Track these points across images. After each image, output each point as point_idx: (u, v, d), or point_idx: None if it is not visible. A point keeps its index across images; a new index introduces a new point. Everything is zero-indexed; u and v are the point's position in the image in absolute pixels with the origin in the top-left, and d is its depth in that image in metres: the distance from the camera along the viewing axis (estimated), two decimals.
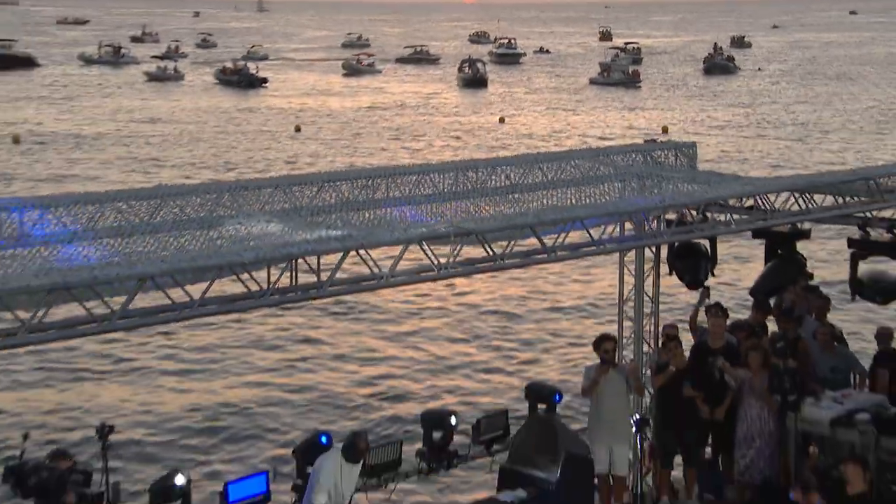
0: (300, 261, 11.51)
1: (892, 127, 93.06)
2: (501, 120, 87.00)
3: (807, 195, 15.54)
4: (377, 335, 41.98)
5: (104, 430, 13.71)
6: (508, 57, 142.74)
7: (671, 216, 15.98)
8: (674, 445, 17.24)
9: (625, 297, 18.06)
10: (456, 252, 12.54)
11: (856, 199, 15.04)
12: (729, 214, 15.98)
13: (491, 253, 13.10)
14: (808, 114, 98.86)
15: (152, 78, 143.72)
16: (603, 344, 16.72)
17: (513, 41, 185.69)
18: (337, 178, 14.73)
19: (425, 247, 12.20)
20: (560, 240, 13.69)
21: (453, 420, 16.09)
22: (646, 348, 17.84)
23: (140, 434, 27.54)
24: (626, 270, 18.04)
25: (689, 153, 17.63)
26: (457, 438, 16.01)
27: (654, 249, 17.51)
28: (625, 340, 17.78)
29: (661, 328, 17.62)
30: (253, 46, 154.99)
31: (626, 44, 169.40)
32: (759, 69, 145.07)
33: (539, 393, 16.66)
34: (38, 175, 66.95)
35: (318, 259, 11.43)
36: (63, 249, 11.40)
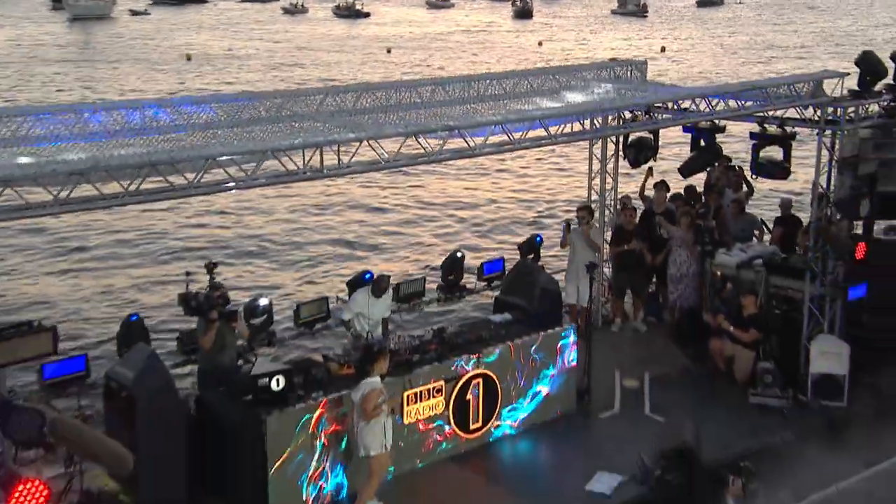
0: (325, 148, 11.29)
1: (825, 48, 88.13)
2: (540, 43, 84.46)
3: (723, 100, 15.38)
4: (404, 204, 39.84)
5: (211, 266, 13.73)
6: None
7: (627, 115, 15.92)
8: (625, 283, 18.04)
9: (593, 176, 18.09)
10: (443, 143, 12.38)
11: (757, 102, 15.06)
12: (666, 114, 15.75)
13: (471, 144, 12.67)
14: (771, 36, 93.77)
15: (287, 12, 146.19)
16: (579, 211, 17.45)
17: None
18: (372, 89, 14.44)
19: (420, 139, 12.11)
20: (526, 135, 13.25)
21: (464, 265, 16.73)
22: (608, 214, 18.20)
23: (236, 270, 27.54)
24: (594, 158, 17.98)
25: (641, 69, 17.49)
26: (466, 277, 16.86)
27: (613, 140, 17.51)
28: (593, 206, 17.78)
29: (618, 198, 18.22)
30: None
31: None
32: (741, 2, 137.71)
33: (528, 246, 17.33)
34: (203, 83, 65.43)
35: (338, 147, 11.20)
36: (165, 136, 11.44)
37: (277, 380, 11.47)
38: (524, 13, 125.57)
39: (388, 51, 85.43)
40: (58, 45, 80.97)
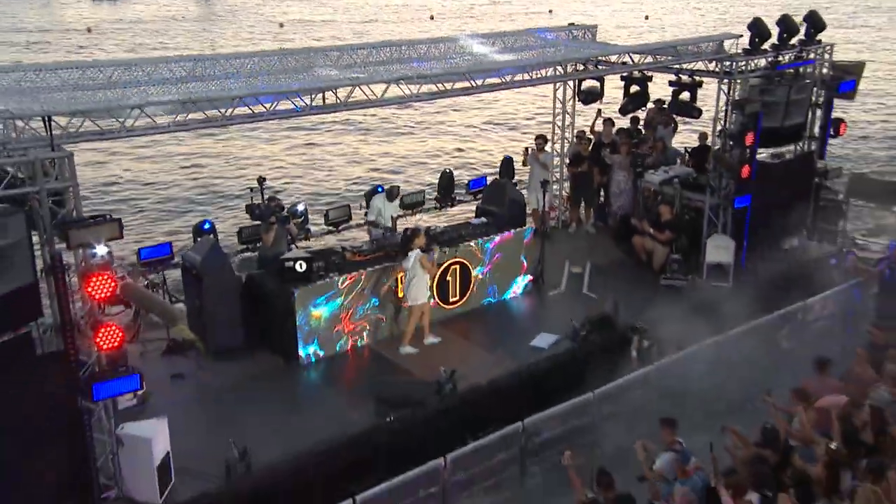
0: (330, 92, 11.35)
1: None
2: (550, 11, 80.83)
3: (652, 56, 15.59)
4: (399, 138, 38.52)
5: (261, 181, 13.87)
6: None
7: (581, 67, 15.67)
8: (580, 196, 17.89)
9: (556, 114, 17.79)
10: (419, 89, 12.52)
11: (674, 58, 15.13)
12: (608, 66, 16.03)
13: (442, 88, 12.87)
14: (735, 9, 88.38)
15: None
16: (536, 139, 17.43)
17: None
18: (381, 45, 14.06)
19: (402, 84, 12.14)
20: (485, 81, 13.36)
21: (454, 180, 16.62)
22: (566, 144, 17.93)
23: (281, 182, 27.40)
24: (556, 100, 17.65)
25: (592, 31, 17.12)
26: (457, 191, 16.73)
27: (572, 85, 17.14)
28: (555, 138, 17.75)
29: (575, 131, 17.95)
30: None
31: None
32: None
33: (505, 167, 17.13)
34: (291, 43, 63.31)
35: (336, 91, 11.21)
36: (207, 83, 11.25)
37: (301, 263, 11.88)
38: None
39: (432, 17, 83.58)
40: (188, 16, 79.45)
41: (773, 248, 15.61)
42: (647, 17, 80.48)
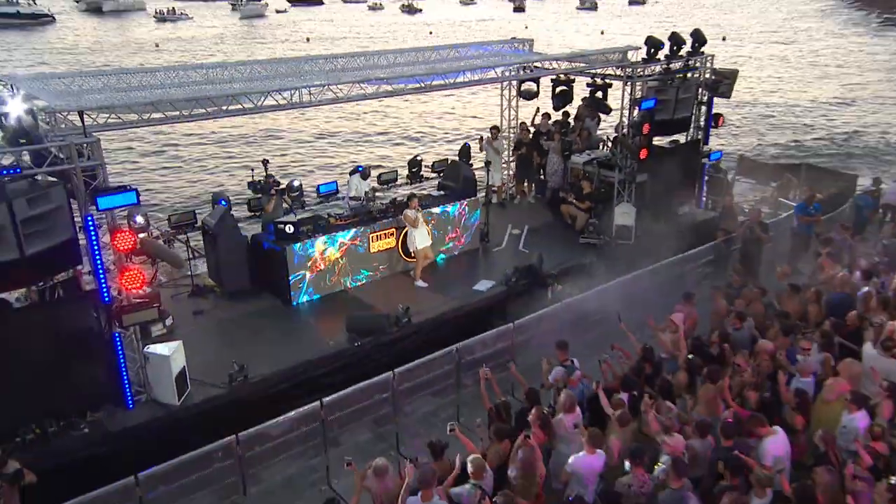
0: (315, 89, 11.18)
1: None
2: (526, 26, 79.25)
3: (570, 62, 15.50)
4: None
5: (265, 162, 13.70)
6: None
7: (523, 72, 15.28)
8: (523, 174, 17.79)
9: (503, 109, 17.55)
10: (377, 89, 12.32)
11: (588, 64, 15.12)
12: (541, 71, 15.33)
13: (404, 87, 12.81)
14: (675, 26, 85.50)
15: (370, 9, 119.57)
16: (490, 129, 17.16)
17: None
18: (355, 55, 13.76)
19: (373, 83, 12.09)
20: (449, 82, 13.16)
21: (422, 162, 15.88)
22: (513, 133, 17.62)
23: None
24: (503, 98, 17.41)
25: (529, 43, 16.86)
26: (425, 171, 15.88)
27: (514, 85, 16.89)
28: (503, 130, 17.40)
29: (519, 123, 17.59)
30: None
31: None
32: (657, 1, 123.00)
33: (463, 151, 16.52)
34: (314, 53, 60.85)
35: (309, 90, 10.98)
36: (220, 84, 11.32)
37: (289, 226, 12.03)
38: (520, 9, 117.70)
39: (430, 32, 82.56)
40: (234, 36, 78.45)
41: (668, 214, 15.45)
42: (602, 32, 79.43)
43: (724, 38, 69.25)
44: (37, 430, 8.84)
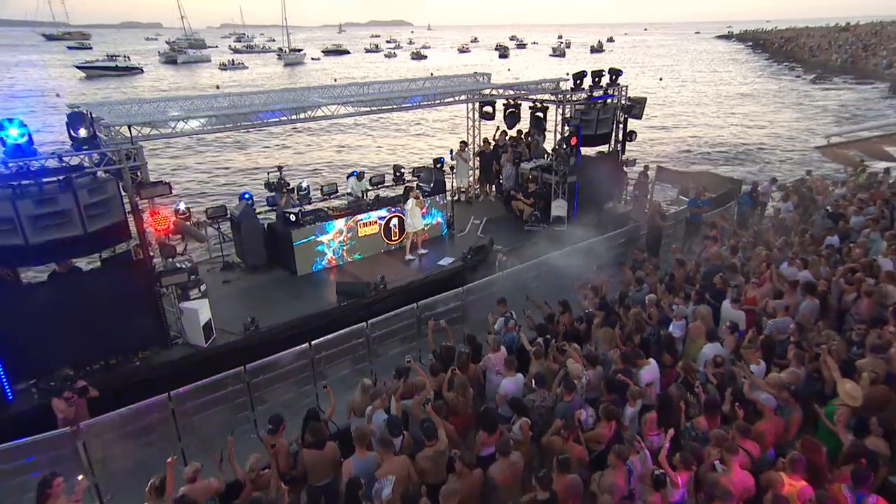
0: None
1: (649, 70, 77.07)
2: (509, 69, 77.48)
3: (519, 91, 15.72)
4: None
5: (280, 168, 13.82)
6: (501, 48, 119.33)
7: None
8: (485, 178, 17.70)
9: (469, 127, 17.46)
10: (371, 108, 12.77)
11: (530, 91, 15.41)
12: (495, 96, 15.92)
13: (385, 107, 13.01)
14: (625, 68, 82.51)
15: (387, 56, 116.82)
16: (460, 144, 17.24)
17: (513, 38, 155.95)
18: (349, 85, 14.06)
19: (364, 106, 12.52)
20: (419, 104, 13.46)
21: (402, 169, 15.50)
22: (478, 147, 17.49)
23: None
24: (468, 118, 17.36)
25: (488, 76, 16.80)
26: (406, 175, 15.47)
27: (476, 107, 16.89)
28: (469, 144, 17.42)
29: (483, 137, 17.52)
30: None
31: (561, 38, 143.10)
32: (612, 50, 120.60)
33: (435, 161, 15.62)
34: None
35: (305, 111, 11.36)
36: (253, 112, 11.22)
37: (293, 216, 12.27)
38: (504, 55, 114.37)
39: (431, 74, 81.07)
40: (279, 78, 77.47)
41: (596, 208, 15.61)
42: (567, 74, 77.64)
43: (661, 79, 68.93)
44: (101, 363, 9.25)
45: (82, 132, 8.74)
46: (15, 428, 7.39)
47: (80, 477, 6.06)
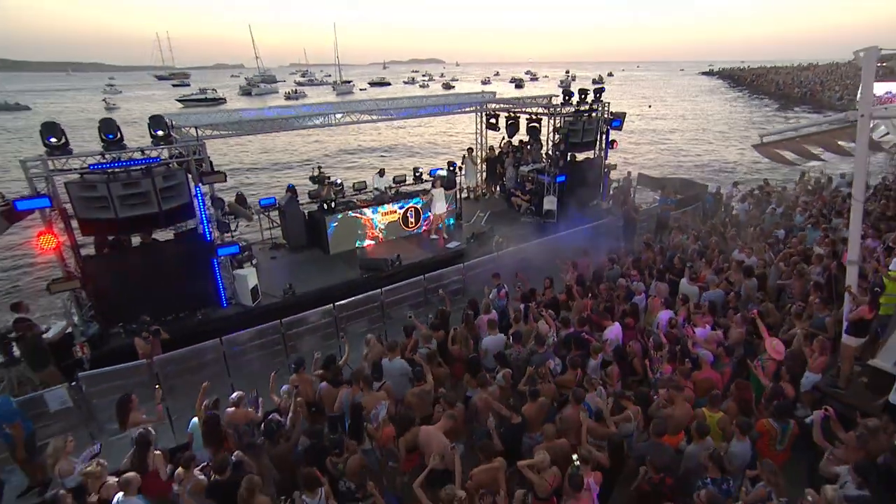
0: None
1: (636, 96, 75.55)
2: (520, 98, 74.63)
3: (512, 104, 15.59)
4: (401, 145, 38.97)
5: (319, 167, 13.88)
6: (517, 80, 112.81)
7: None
8: (491, 179, 17.53)
9: (477, 136, 17.35)
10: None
11: (527, 104, 15.16)
12: (498, 110, 15.83)
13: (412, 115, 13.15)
14: (621, 95, 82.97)
15: (421, 87, 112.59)
16: (467, 150, 17.04)
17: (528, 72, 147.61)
18: (382, 100, 13.96)
19: (381, 115, 12.54)
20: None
21: (420, 171, 15.29)
22: (485, 153, 17.48)
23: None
24: (476, 128, 17.20)
25: (493, 94, 16.42)
26: (423, 174, 15.34)
27: (484, 116, 16.68)
28: (475, 150, 17.26)
29: (489, 145, 17.41)
30: None
31: (568, 72, 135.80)
32: (610, 83, 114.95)
33: (449, 164, 15.88)
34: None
35: (324, 117, 11.41)
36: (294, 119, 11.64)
37: (327, 204, 12.39)
38: (519, 86, 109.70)
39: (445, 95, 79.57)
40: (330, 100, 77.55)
41: (582, 204, 15.16)
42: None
43: (650, 106, 67.56)
44: (172, 316, 9.50)
45: (160, 132, 9.06)
46: (108, 359, 7.95)
47: (156, 386, 6.49)
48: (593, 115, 14.89)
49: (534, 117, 15.35)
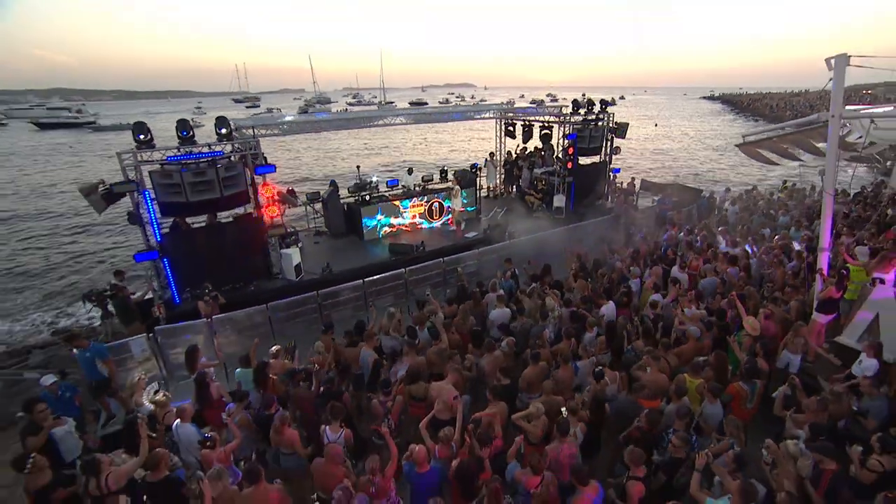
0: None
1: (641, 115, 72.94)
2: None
3: (525, 113, 15.28)
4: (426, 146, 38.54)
5: (358, 168, 13.92)
6: (538, 102, 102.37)
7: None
8: (509, 181, 16.97)
9: (496, 141, 16.86)
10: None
11: (541, 112, 14.97)
12: (515, 118, 15.40)
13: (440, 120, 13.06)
14: (632, 115, 79.27)
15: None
16: (489, 155, 16.86)
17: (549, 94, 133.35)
18: (411, 107, 14.29)
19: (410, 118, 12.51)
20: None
21: (445, 169, 15.14)
22: (503, 158, 16.99)
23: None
24: (496, 134, 16.68)
25: (511, 103, 16.92)
26: (449, 173, 15.18)
27: (501, 122, 16.27)
28: (496, 154, 17.01)
29: (507, 150, 16.98)
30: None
31: (584, 95, 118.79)
32: (622, 105, 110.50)
33: (472, 167, 15.08)
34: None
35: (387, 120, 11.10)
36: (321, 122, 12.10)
37: (362, 198, 12.47)
38: (540, 106, 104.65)
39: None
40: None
41: (589, 202, 15.10)
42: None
43: (656, 125, 65.66)
44: (229, 286, 9.78)
45: (223, 129, 9.44)
46: (179, 317, 8.45)
47: (215, 342, 6.89)
48: (599, 123, 14.78)
49: (546, 125, 15.24)
